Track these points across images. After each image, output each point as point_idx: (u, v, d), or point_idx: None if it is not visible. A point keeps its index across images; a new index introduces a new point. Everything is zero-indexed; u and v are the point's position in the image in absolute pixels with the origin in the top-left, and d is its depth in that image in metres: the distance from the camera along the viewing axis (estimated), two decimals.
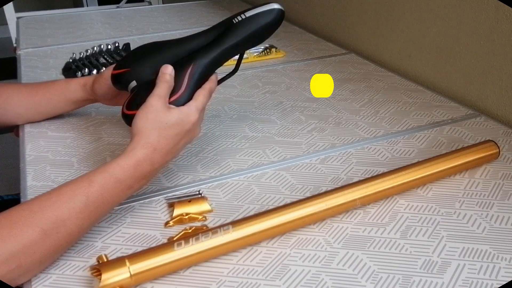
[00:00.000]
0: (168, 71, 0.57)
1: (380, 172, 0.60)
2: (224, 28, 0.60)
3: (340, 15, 1.18)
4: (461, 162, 0.62)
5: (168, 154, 0.55)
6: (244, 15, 0.59)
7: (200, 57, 0.58)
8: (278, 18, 0.61)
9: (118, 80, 0.62)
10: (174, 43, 0.61)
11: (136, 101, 0.57)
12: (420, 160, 0.61)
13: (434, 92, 0.89)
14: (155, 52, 0.61)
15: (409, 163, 0.60)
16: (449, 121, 0.77)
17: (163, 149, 0.54)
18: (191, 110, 0.56)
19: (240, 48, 0.62)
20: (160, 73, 0.57)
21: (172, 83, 0.57)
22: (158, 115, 0.54)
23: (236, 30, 0.59)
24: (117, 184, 0.51)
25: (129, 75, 0.60)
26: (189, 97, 0.57)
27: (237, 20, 0.59)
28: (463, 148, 0.63)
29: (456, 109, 0.82)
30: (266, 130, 0.76)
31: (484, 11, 0.78)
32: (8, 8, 2.37)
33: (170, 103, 0.56)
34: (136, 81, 0.60)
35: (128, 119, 0.57)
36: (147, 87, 0.57)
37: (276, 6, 0.60)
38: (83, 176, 0.51)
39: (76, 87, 0.73)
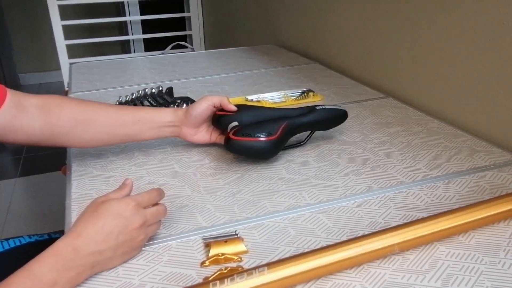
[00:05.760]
0: (128, 182, 0.60)
1: (419, 217, 0.58)
2: (309, 110, 0.81)
3: (378, 59, 1.20)
4: (505, 209, 0.59)
5: (99, 243, 0.51)
6: (324, 106, 0.83)
7: (292, 120, 0.79)
8: (344, 114, 0.84)
9: (220, 120, 0.80)
10: (269, 108, 0.84)
11: (242, 131, 0.74)
12: (462, 205, 0.59)
13: (475, 136, 0.87)
14: (255, 107, 0.84)
15: (449, 209, 0.59)
16: (492, 166, 0.75)
17: (89, 235, 0.51)
18: (127, 199, 0.55)
19: (315, 125, 0.82)
20: (122, 184, 0.60)
21: (128, 193, 0.59)
22: (94, 205, 0.55)
23: (317, 112, 0.81)
24: (35, 282, 0.47)
25: (233, 117, 0.79)
26: (278, 143, 0.75)
27: (319, 108, 0.82)
28: (507, 195, 0.61)
29: (498, 154, 0.79)
30: (302, 172, 0.76)
31: None
32: (62, 55, 2.55)
33: (266, 140, 0.73)
34: (238, 123, 0.78)
35: (232, 144, 0.73)
36: (250, 125, 0.76)
37: (344, 108, 0.85)
38: (5, 280, 0.47)
39: (167, 111, 0.80)
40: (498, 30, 0.82)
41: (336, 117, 0.83)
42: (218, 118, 0.80)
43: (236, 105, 0.81)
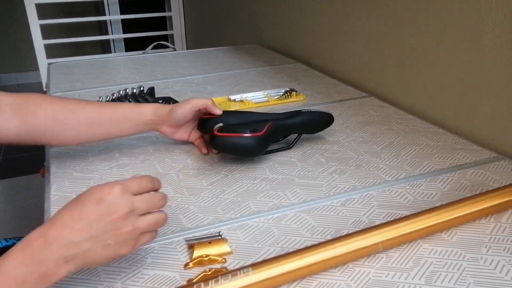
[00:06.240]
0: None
1: (402, 215, 0.59)
2: (294, 113, 0.82)
3: (361, 59, 1.21)
4: (486, 206, 0.60)
5: (74, 232, 0.44)
6: (310, 109, 0.84)
7: (277, 120, 0.79)
8: (329, 118, 0.85)
9: (206, 123, 0.79)
10: (254, 112, 0.83)
11: (227, 128, 0.74)
12: (444, 203, 0.60)
13: (456, 135, 0.88)
14: (241, 112, 0.85)
15: (432, 206, 0.59)
16: (472, 164, 0.76)
17: (64, 223, 0.44)
18: (112, 182, 0.48)
19: (301, 128, 0.83)
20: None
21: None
22: (78, 195, 0.47)
23: (302, 115, 0.82)
24: (1, 279, 0.41)
25: (218, 119, 0.78)
26: (263, 140, 0.75)
27: (304, 110, 0.83)
28: (488, 192, 0.62)
29: (479, 152, 0.81)
30: (286, 172, 0.76)
31: (505, 54, 0.78)
32: (40, 55, 2.50)
33: (251, 136, 0.72)
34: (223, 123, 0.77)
35: (217, 140, 0.73)
36: (235, 124, 0.76)
37: (329, 113, 0.85)
38: None
39: (148, 109, 0.78)
40: (479, 30, 0.83)
41: (321, 120, 0.84)
42: (204, 122, 0.80)
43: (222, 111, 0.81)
